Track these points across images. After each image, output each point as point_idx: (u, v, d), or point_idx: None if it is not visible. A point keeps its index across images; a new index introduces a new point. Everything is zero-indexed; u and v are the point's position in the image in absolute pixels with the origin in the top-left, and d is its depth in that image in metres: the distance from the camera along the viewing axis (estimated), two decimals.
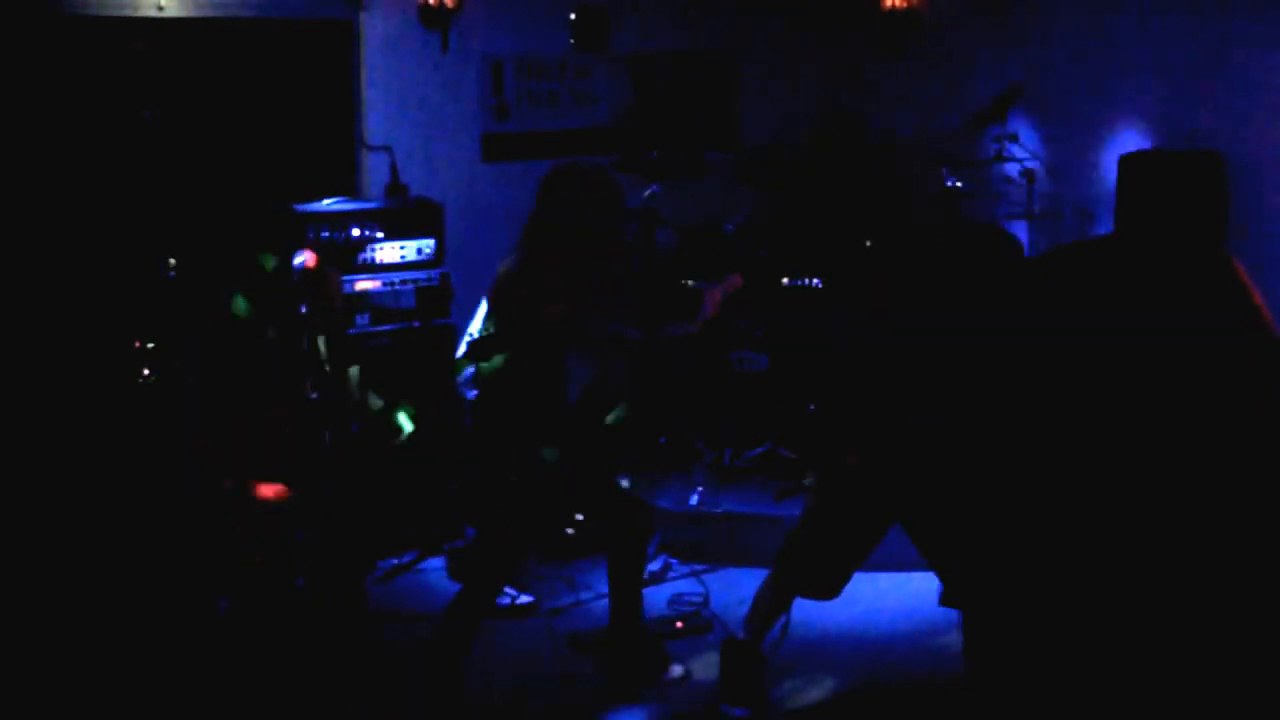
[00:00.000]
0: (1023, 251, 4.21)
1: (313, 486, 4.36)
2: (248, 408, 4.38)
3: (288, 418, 4.42)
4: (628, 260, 6.41)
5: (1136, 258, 3.57)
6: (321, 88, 6.52)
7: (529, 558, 5.50)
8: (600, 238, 4.39)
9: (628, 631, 4.69)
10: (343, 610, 4.63)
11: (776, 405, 6.35)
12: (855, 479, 4.12)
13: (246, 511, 4.33)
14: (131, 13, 5.94)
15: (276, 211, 4.67)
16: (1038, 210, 6.52)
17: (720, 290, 4.52)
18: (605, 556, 4.72)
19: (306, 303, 4.44)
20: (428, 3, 6.56)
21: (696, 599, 5.37)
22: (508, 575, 4.75)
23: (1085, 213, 6.46)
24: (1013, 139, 6.58)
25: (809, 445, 6.13)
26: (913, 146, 7.06)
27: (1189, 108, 6.08)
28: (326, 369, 4.51)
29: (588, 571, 5.57)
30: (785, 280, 6.46)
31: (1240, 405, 3.38)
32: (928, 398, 4.00)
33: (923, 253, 4.40)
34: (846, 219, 6.67)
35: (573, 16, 7.00)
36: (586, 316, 4.38)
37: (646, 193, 6.39)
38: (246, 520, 4.33)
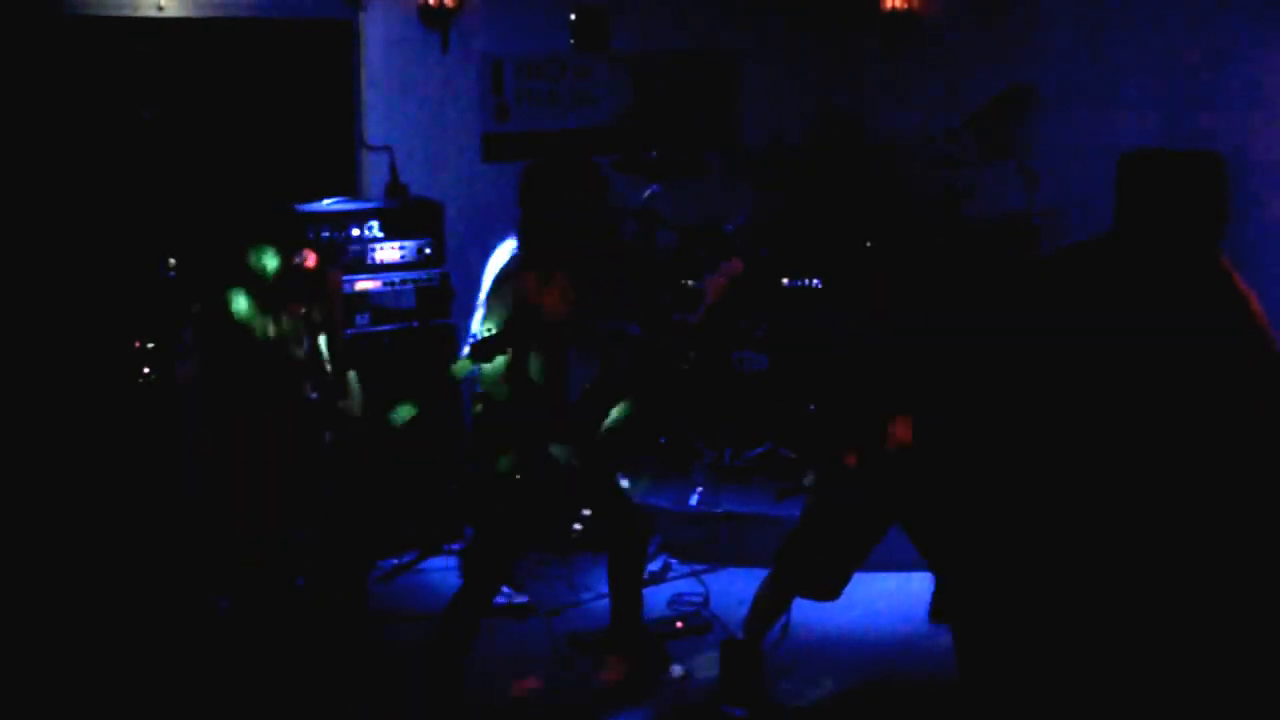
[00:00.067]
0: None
1: (313, 486, 4.36)
2: (248, 408, 4.38)
3: (288, 418, 4.42)
4: (625, 255, 6.40)
5: (1136, 259, 3.57)
6: (321, 88, 6.51)
7: (527, 557, 5.50)
8: (586, 229, 4.36)
9: (628, 631, 4.69)
10: (343, 610, 4.63)
11: (776, 405, 6.35)
12: (855, 479, 4.12)
13: (246, 511, 4.33)
14: (131, 13, 5.94)
15: (276, 211, 4.68)
16: (1037, 210, 6.52)
17: (720, 276, 4.49)
18: (605, 556, 4.72)
19: (306, 303, 4.45)
20: (428, 3, 6.55)
21: (696, 599, 5.37)
22: (506, 575, 4.75)
23: (1085, 213, 6.45)
24: (1013, 139, 6.57)
25: (809, 445, 6.12)
26: (913, 146, 7.05)
27: (1189, 108, 6.08)
28: (327, 369, 4.51)
29: (588, 571, 5.58)
30: (785, 280, 6.46)
31: (1237, 407, 3.38)
32: (928, 398, 4.00)
33: (923, 253, 4.40)
34: (846, 219, 6.66)
35: (573, 16, 6.99)
36: (586, 313, 4.38)
37: (646, 193, 6.38)
38: (246, 520, 4.33)
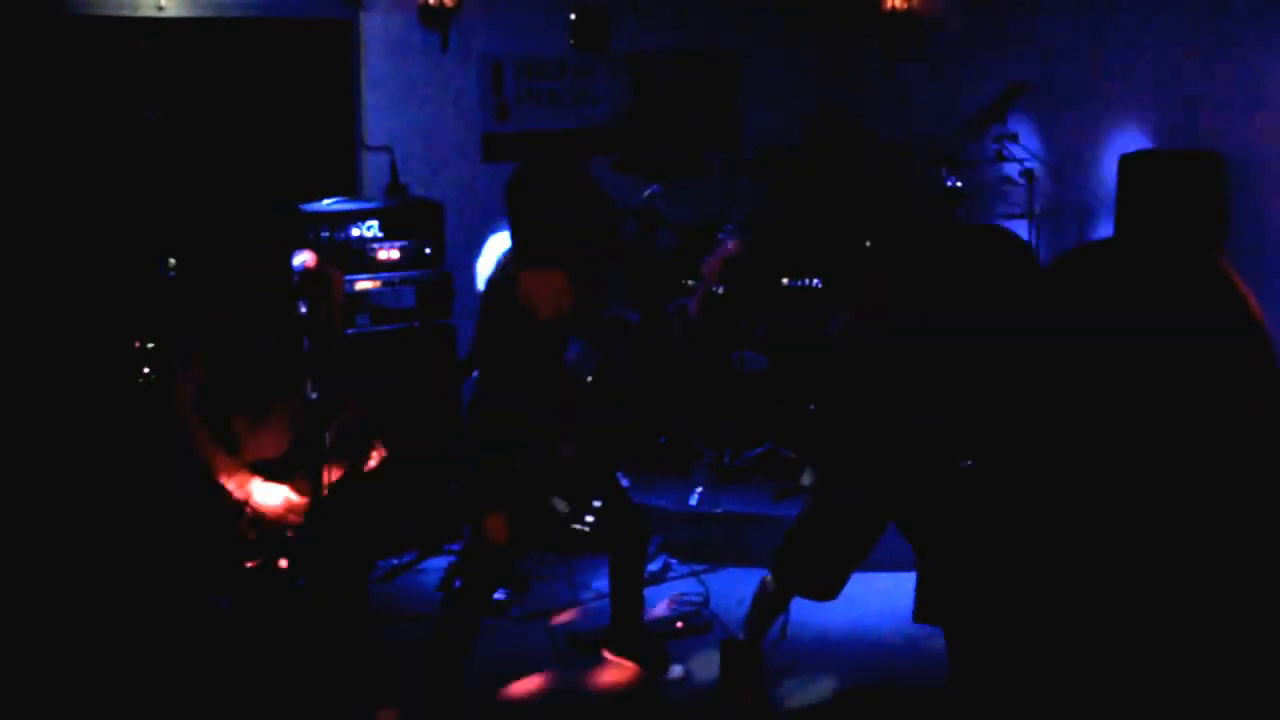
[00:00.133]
0: (1030, 253, 4.18)
1: (313, 487, 4.36)
2: (248, 408, 4.38)
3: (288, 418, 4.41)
4: (624, 253, 6.40)
5: (1136, 258, 3.57)
6: (321, 88, 6.52)
7: (527, 557, 5.50)
8: (580, 229, 4.34)
9: (628, 631, 4.69)
10: (343, 610, 4.62)
11: (776, 405, 6.35)
12: (853, 479, 4.13)
13: (246, 512, 4.33)
14: (132, 13, 5.95)
15: (277, 211, 4.67)
16: (1038, 210, 6.52)
17: (718, 257, 4.48)
18: (605, 556, 4.72)
19: (306, 302, 4.44)
20: (428, 3, 6.56)
21: (696, 599, 5.37)
22: (505, 574, 4.75)
23: (1085, 213, 6.46)
24: (1013, 139, 6.57)
25: (809, 445, 6.12)
26: (913, 146, 7.06)
27: (1189, 108, 6.07)
28: (328, 369, 4.50)
29: (588, 571, 5.58)
30: (785, 280, 6.46)
31: (1236, 407, 3.38)
32: (928, 398, 4.00)
33: (923, 253, 4.39)
34: (846, 219, 6.67)
35: (573, 16, 7.00)
36: (581, 312, 4.37)
37: (646, 193, 6.38)
38: (246, 520, 4.33)
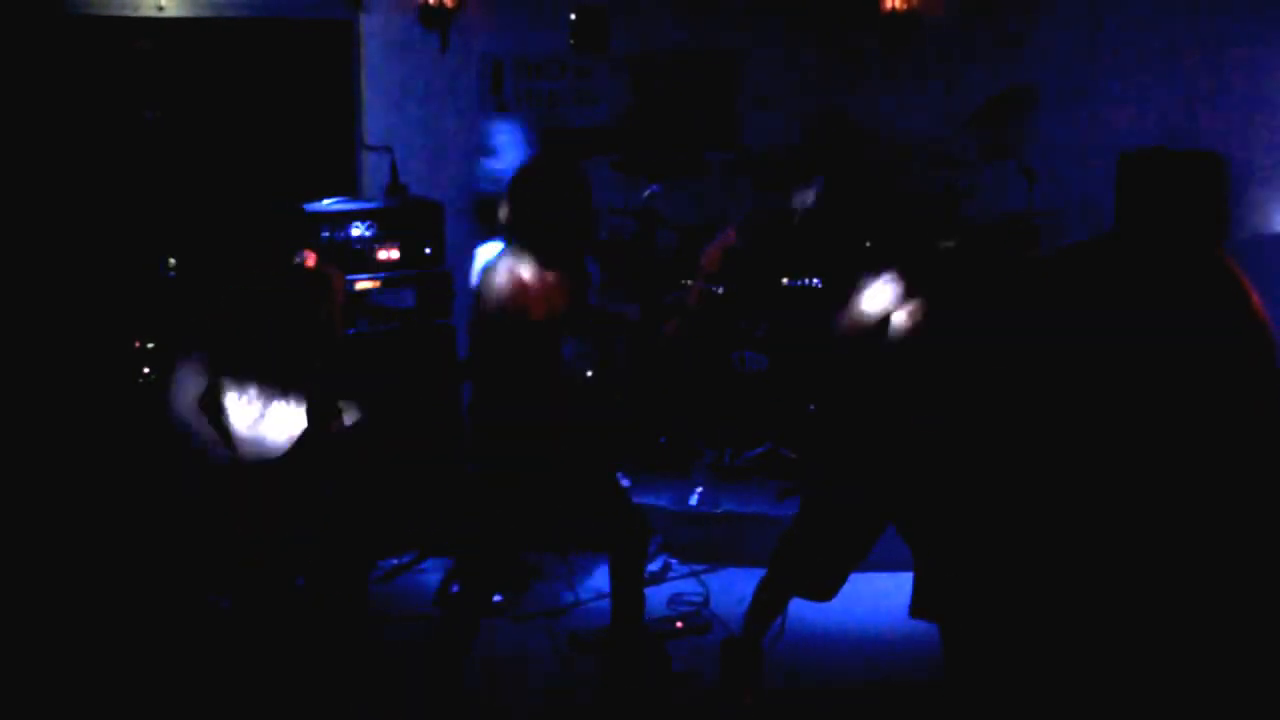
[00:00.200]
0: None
1: (313, 487, 4.36)
2: (248, 407, 4.38)
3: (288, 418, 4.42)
4: (623, 252, 6.39)
5: (1137, 258, 3.57)
6: (321, 88, 6.52)
7: (527, 557, 5.50)
8: (577, 231, 4.33)
9: (628, 631, 4.69)
10: (343, 610, 4.63)
11: (776, 405, 6.35)
12: (850, 479, 4.12)
13: (246, 511, 4.33)
14: (132, 13, 5.95)
15: (277, 210, 4.67)
16: (1038, 210, 6.52)
17: (717, 246, 4.47)
18: (605, 556, 4.72)
19: (307, 302, 4.44)
20: (428, 3, 6.56)
21: (696, 599, 5.37)
22: (504, 574, 4.75)
23: (1085, 213, 6.46)
24: (1013, 139, 6.57)
25: (809, 445, 6.12)
26: (913, 146, 7.06)
27: (1189, 108, 6.08)
28: (328, 369, 4.51)
29: (588, 571, 5.58)
30: (785, 280, 6.46)
31: (1237, 406, 3.38)
32: (928, 397, 4.00)
33: (922, 254, 4.40)
34: (846, 219, 6.66)
35: (573, 16, 7.00)
36: (576, 310, 4.37)
37: (646, 193, 6.38)
38: (246, 520, 4.33)
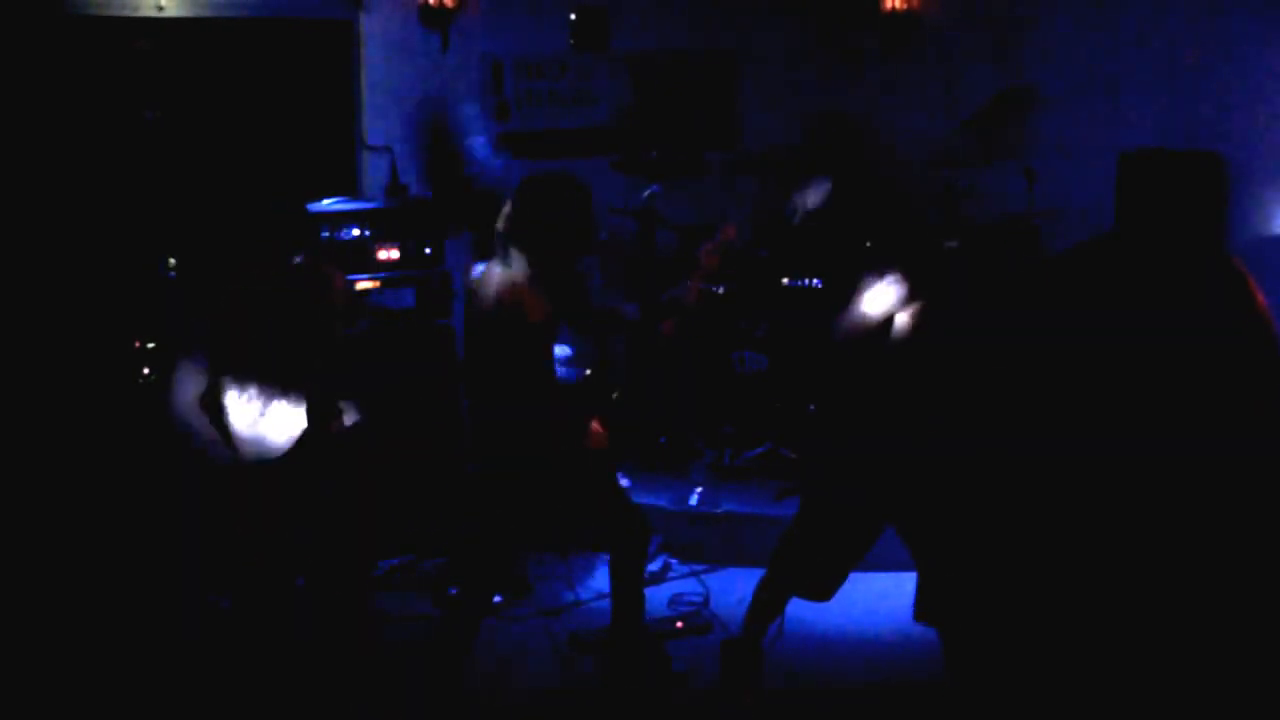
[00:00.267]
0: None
1: (313, 487, 4.36)
2: (248, 406, 4.38)
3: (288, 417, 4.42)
4: (622, 251, 6.39)
5: (1137, 258, 3.57)
6: (321, 88, 6.52)
7: (527, 557, 5.50)
8: (570, 238, 4.32)
9: (628, 631, 4.69)
10: (343, 610, 4.63)
11: (776, 405, 6.35)
12: (850, 480, 4.12)
13: (246, 511, 4.34)
14: (132, 13, 5.95)
15: (277, 210, 4.66)
16: (1038, 210, 6.52)
17: (714, 243, 4.48)
18: (605, 556, 4.72)
19: (307, 302, 4.44)
20: (428, 3, 6.56)
21: (696, 599, 5.37)
22: (503, 574, 4.75)
23: (1085, 213, 6.46)
24: (1013, 139, 6.57)
25: (809, 445, 6.12)
26: (913, 147, 7.06)
27: (1189, 107, 6.08)
28: (328, 369, 4.51)
29: (588, 571, 5.58)
30: (785, 280, 6.46)
31: (1238, 406, 3.38)
32: (930, 399, 4.00)
33: (922, 254, 4.39)
34: (846, 219, 6.66)
35: (573, 16, 6.99)
36: (571, 309, 4.37)
37: (646, 193, 6.38)
38: (246, 520, 4.33)
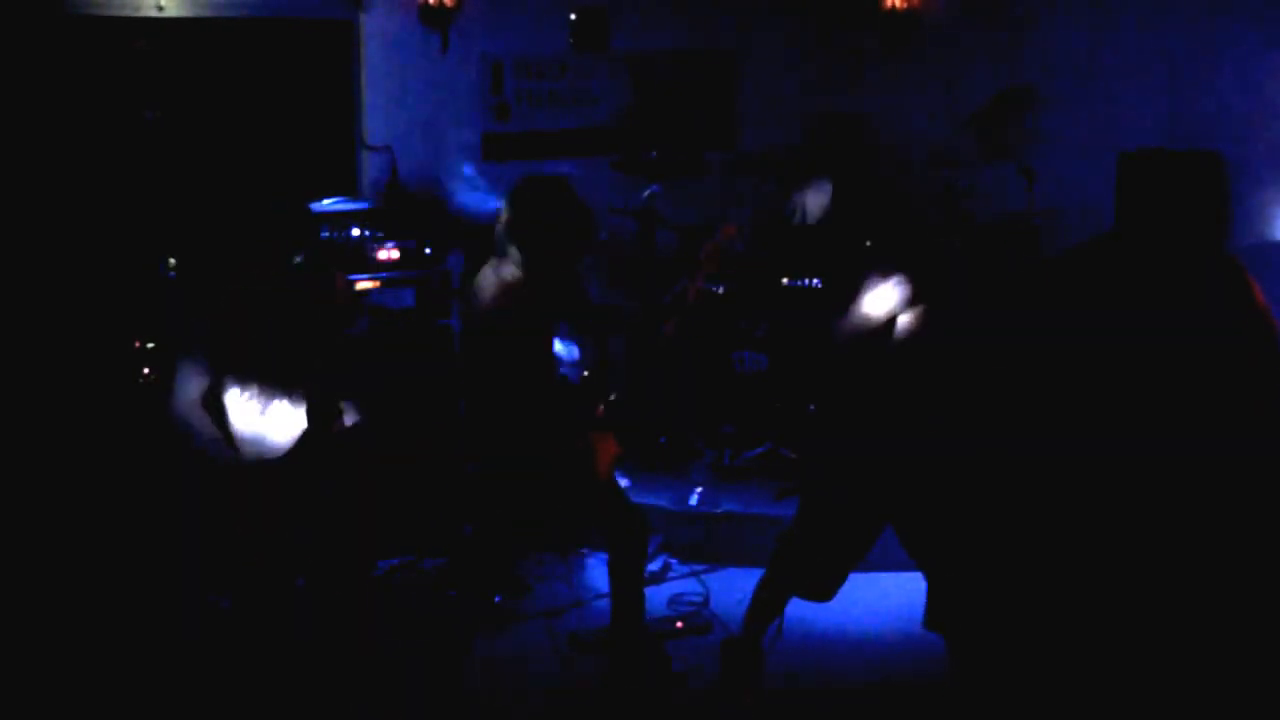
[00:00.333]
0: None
1: (313, 487, 4.36)
2: (248, 407, 4.37)
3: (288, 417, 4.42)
4: (622, 251, 6.39)
5: (1137, 258, 3.57)
6: (321, 88, 6.52)
7: (527, 557, 5.50)
8: (569, 239, 4.33)
9: (628, 631, 4.69)
10: (343, 610, 4.62)
11: (776, 405, 6.35)
12: (850, 481, 4.12)
13: (246, 511, 4.33)
14: (132, 13, 5.95)
15: (277, 210, 4.66)
16: (1038, 210, 6.52)
17: (714, 241, 4.48)
18: (605, 556, 4.72)
19: (307, 302, 4.44)
20: (428, 3, 6.56)
21: (696, 599, 5.37)
22: (503, 573, 4.75)
23: (1085, 213, 6.46)
24: (1013, 139, 6.57)
25: (809, 445, 6.12)
26: (912, 146, 7.06)
27: (1189, 107, 6.08)
28: (328, 369, 4.50)
29: (588, 571, 5.58)
30: (785, 280, 6.46)
31: (1239, 406, 3.38)
32: (932, 400, 4.00)
33: (923, 254, 4.40)
34: (846, 219, 6.66)
35: (573, 16, 6.99)
36: (574, 311, 4.37)
37: (646, 193, 6.38)
38: (246, 520, 4.33)
